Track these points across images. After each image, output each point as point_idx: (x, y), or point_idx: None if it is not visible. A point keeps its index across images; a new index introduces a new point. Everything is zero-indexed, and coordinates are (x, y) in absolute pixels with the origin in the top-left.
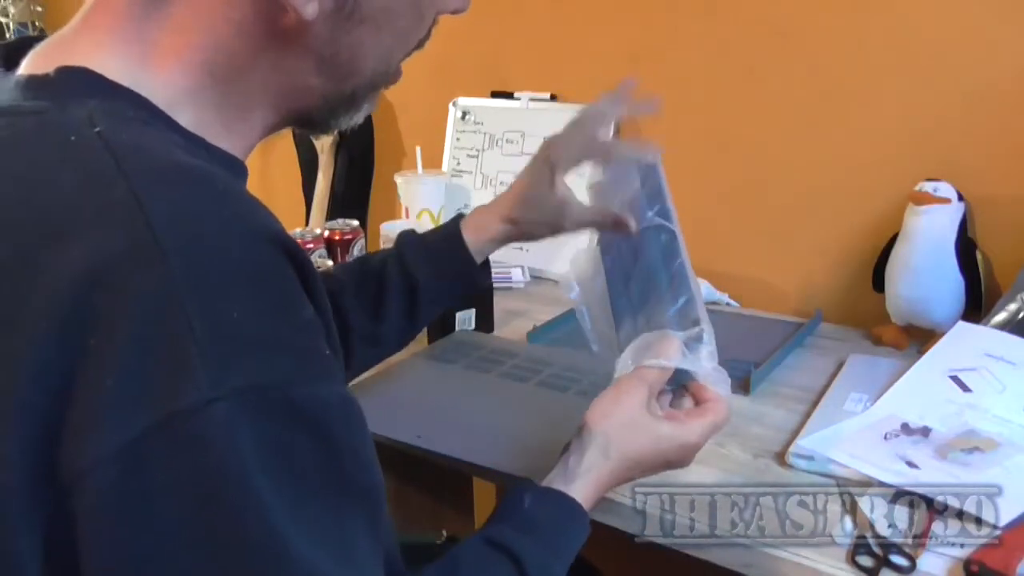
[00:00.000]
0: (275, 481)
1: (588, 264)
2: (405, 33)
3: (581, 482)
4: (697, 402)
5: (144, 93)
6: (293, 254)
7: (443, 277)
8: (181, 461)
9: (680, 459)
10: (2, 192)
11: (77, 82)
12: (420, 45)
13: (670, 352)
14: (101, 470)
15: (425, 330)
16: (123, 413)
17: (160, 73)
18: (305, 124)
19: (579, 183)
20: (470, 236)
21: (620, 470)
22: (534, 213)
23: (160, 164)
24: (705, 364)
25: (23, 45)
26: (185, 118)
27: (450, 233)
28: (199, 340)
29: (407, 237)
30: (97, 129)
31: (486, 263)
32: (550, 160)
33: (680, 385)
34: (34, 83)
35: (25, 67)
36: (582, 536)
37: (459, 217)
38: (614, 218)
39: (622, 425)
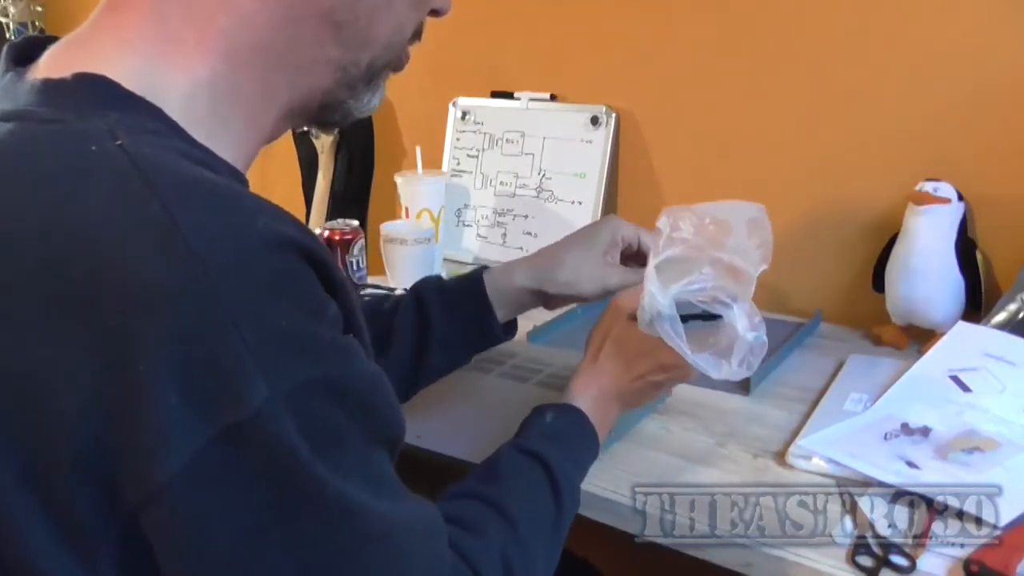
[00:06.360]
0: (324, 454)
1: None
2: None
3: (587, 396)
4: None
5: (161, 95)
6: (312, 258)
7: (455, 315)
8: (250, 461)
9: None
10: (20, 196)
11: (95, 91)
12: (417, 36)
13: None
14: (176, 485)
15: None
16: (191, 428)
17: (180, 70)
18: (322, 109)
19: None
20: (491, 279)
21: (615, 375)
22: (571, 268)
23: (187, 181)
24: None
25: (32, 45)
26: (200, 115)
27: (470, 277)
28: (253, 351)
29: (428, 279)
30: (119, 142)
31: (512, 323)
32: (611, 225)
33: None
34: (51, 88)
35: (42, 69)
36: (595, 447)
37: (484, 268)
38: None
39: (609, 339)
